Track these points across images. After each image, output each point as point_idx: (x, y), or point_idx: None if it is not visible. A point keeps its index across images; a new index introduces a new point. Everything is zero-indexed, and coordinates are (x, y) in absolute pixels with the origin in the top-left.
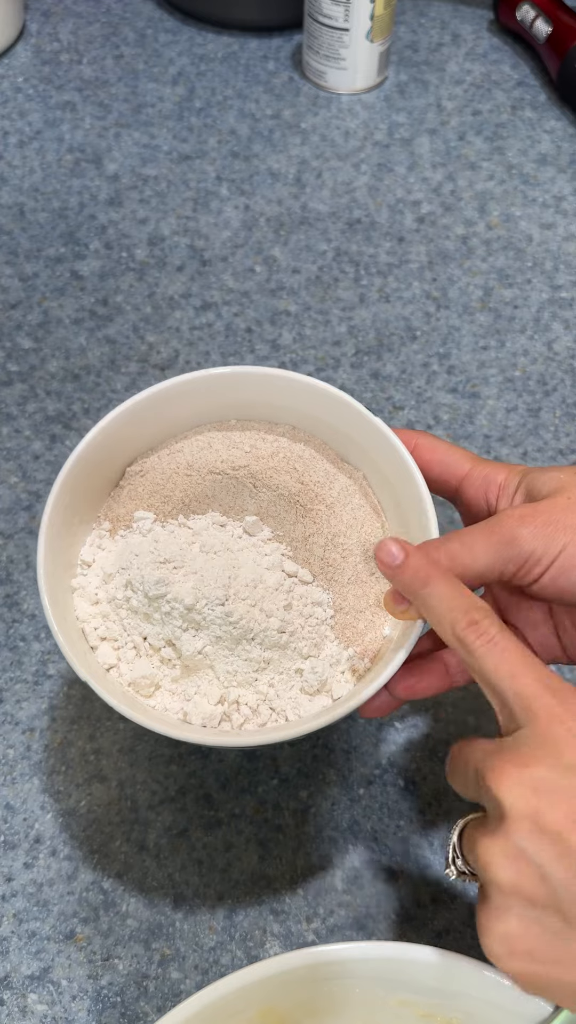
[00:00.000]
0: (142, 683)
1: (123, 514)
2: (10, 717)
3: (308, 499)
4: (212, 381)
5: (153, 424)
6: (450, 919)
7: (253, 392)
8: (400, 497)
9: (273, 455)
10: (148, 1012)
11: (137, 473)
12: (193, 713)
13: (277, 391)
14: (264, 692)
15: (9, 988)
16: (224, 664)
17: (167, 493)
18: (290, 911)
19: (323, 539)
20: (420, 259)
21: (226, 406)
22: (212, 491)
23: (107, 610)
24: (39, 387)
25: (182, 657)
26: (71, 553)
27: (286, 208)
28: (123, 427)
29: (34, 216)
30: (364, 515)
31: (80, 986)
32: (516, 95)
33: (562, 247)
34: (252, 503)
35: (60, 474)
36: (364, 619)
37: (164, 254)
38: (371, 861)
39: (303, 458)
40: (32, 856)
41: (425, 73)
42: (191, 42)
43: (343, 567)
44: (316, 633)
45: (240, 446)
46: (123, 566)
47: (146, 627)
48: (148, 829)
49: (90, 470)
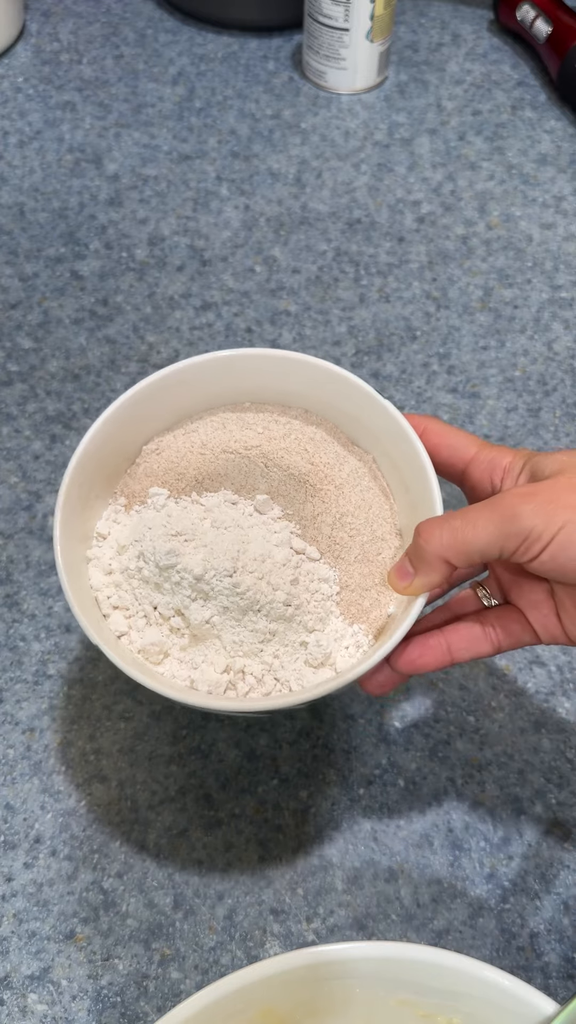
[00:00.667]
0: (151, 650)
1: (138, 490)
2: (10, 717)
3: (318, 479)
4: (225, 362)
5: (169, 404)
6: (450, 919)
7: (267, 374)
8: (408, 480)
9: (285, 436)
10: (148, 1012)
11: (153, 451)
12: (199, 680)
13: (290, 373)
14: (269, 663)
15: (9, 988)
16: (231, 634)
17: (181, 471)
18: (290, 911)
19: (331, 518)
20: (420, 259)
21: (240, 389)
22: (225, 470)
23: (120, 580)
24: (39, 387)
25: (190, 626)
26: (87, 526)
27: (286, 208)
28: (139, 406)
29: (34, 216)
30: (372, 497)
31: (80, 986)
32: (516, 95)
33: (562, 247)
34: (263, 482)
35: (77, 450)
36: (370, 597)
37: (164, 254)
38: (371, 861)
39: (314, 440)
40: (32, 856)
41: (425, 73)
42: (191, 42)
43: (350, 546)
44: (322, 608)
45: (253, 427)
46: (136, 538)
47: (157, 597)
48: (148, 829)
49: (108, 447)
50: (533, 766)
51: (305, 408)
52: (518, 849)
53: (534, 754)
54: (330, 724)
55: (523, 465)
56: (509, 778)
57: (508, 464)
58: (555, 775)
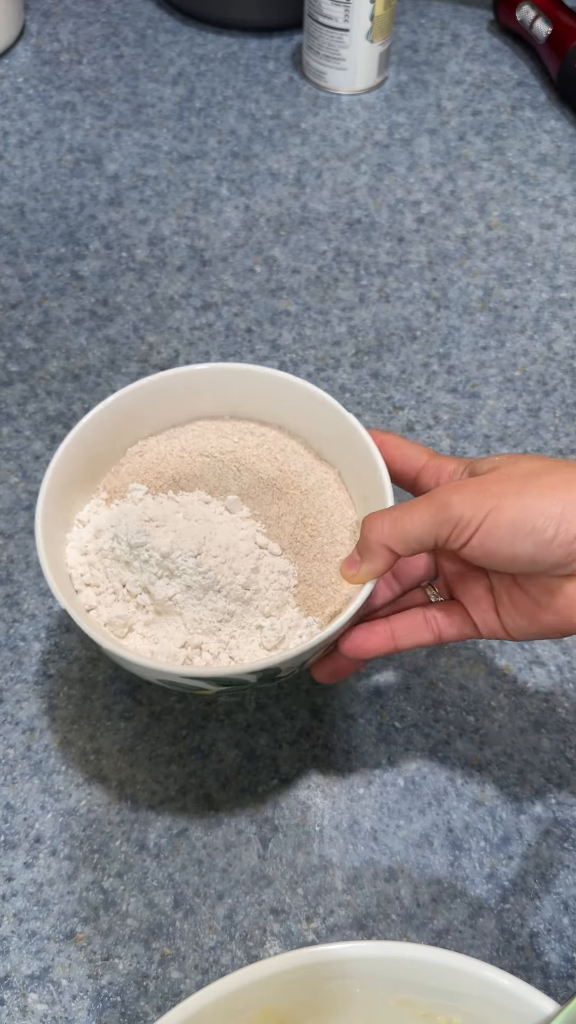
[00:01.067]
0: (117, 623)
1: (119, 486)
2: (10, 717)
3: (285, 484)
4: (203, 374)
5: (152, 412)
6: (450, 919)
7: (246, 388)
8: (367, 490)
9: (259, 446)
10: (148, 1012)
11: (136, 453)
12: (159, 653)
13: (267, 389)
14: (226, 642)
15: (9, 988)
16: (192, 612)
17: (160, 470)
18: (290, 911)
19: (294, 518)
20: (420, 259)
21: (221, 402)
22: (200, 471)
23: (94, 559)
24: (39, 387)
25: (154, 602)
26: (69, 514)
27: (286, 208)
28: (125, 410)
29: (34, 216)
30: (335, 504)
31: (80, 986)
32: (516, 95)
33: (562, 247)
34: (235, 484)
35: (63, 442)
36: (326, 593)
37: (164, 254)
38: (371, 861)
39: (285, 451)
40: (32, 856)
41: (425, 73)
42: (191, 42)
43: (310, 544)
44: (279, 597)
45: (230, 436)
46: (112, 523)
47: (126, 574)
48: (148, 829)
49: (92, 448)
50: (533, 766)
51: (280, 424)
52: (518, 849)
53: (534, 754)
54: (330, 724)
55: (464, 469)
56: (509, 778)
57: (452, 469)
58: (555, 775)
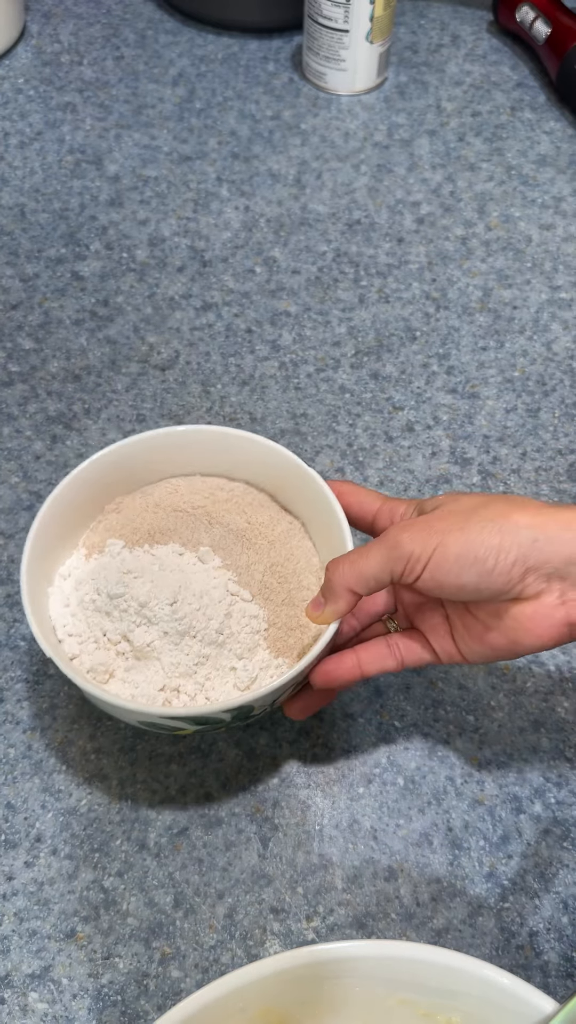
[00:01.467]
0: (99, 669)
1: (98, 542)
2: (11, 716)
3: (254, 535)
4: (174, 436)
5: (127, 472)
6: (450, 918)
7: (214, 446)
8: (328, 536)
9: (228, 500)
10: (148, 1011)
11: (113, 510)
12: (139, 696)
13: (233, 447)
14: (202, 683)
15: (10, 987)
16: (169, 656)
17: (136, 525)
18: (290, 910)
19: (263, 566)
20: (420, 260)
21: (191, 462)
22: (174, 525)
23: (76, 611)
24: (40, 387)
25: (133, 648)
26: (51, 569)
27: (286, 209)
28: (101, 471)
29: (35, 217)
30: (300, 552)
31: (81, 985)
32: (515, 96)
33: (561, 248)
34: (206, 536)
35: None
36: (295, 636)
37: (164, 255)
38: (371, 860)
39: (253, 504)
40: (33, 855)
41: (425, 74)
42: (191, 43)
43: (279, 590)
44: (250, 640)
45: (201, 492)
46: (92, 576)
47: (106, 623)
48: (148, 828)
49: (72, 506)
50: (532, 766)
51: (247, 479)
52: (517, 848)
53: (533, 754)
54: (330, 723)
55: (414, 509)
56: (508, 777)
57: (403, 510)
58: (554, 774)
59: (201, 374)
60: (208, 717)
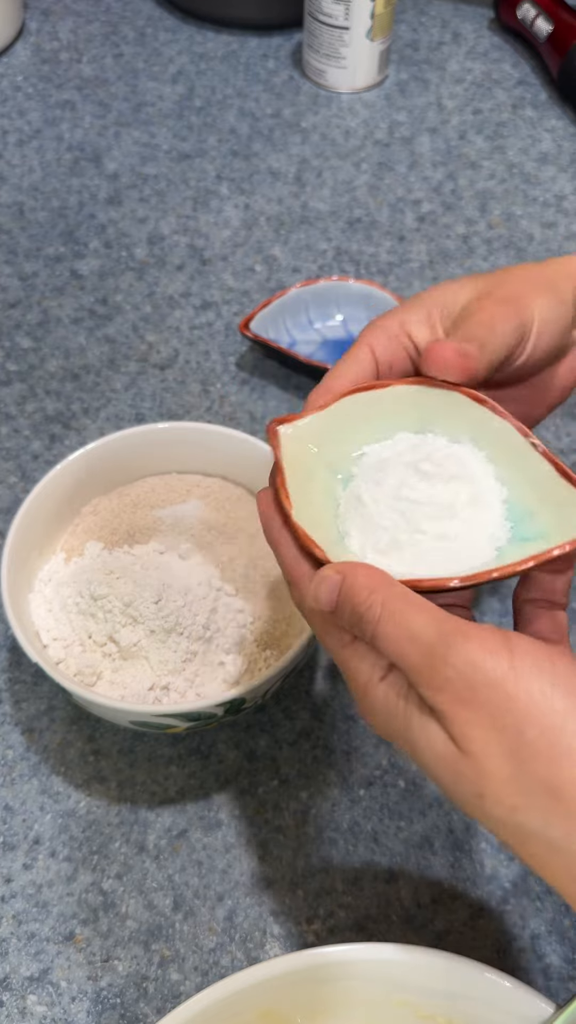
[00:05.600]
0: (86, 671)
1: (77, 545)
2: (9, 718)
3: (234, 530)
4: (148, 435)
5: (103, 473)
6: (450, 920)
7: (188, 443)
8: None
9: (205, 496)
10: (148, 1014)
11: (91, 512)
12: (128, 696)
13: (206, 442)
14: (191, 679)
15: (8, 989)
16: (157, 654)
17: (115, 527)
18: (290, 912)
19: (244, 560)
20: (421, 258)
21: (166, 460)
22: (153, 524)
23: (59, 615)
24: (38, 386)
25: (120, 649)
26: (32, 575)
27: (286, 207)
28: (76, 474)
29: (33, 215)
30: None
31: (79, 987)
32: (517, 94)
33: (563, 246)
34: (186, 534)
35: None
36: (280, 628)
37: (164, 253)
38: (371, 862)
39: (231, 499)
40: (31, 857)
41: (426, 72)
42: (191, 41)
43: (262, 584)
44: (237, 634)
45: (178, 489)
46: (74, 579)
47: (91, 625)
48: (148, 830)
49: (49, 511)
50: None
51: (223, 475)
52: None
53: None
54: (330, 725)
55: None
56: None
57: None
58: None
59: (201, 373)
60: (199, 713)
